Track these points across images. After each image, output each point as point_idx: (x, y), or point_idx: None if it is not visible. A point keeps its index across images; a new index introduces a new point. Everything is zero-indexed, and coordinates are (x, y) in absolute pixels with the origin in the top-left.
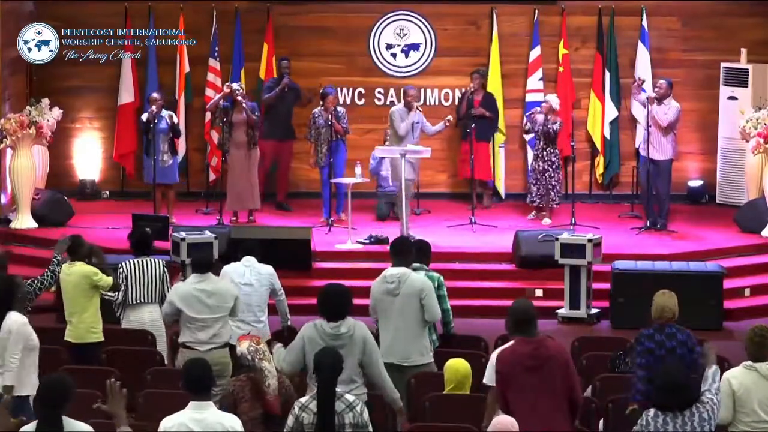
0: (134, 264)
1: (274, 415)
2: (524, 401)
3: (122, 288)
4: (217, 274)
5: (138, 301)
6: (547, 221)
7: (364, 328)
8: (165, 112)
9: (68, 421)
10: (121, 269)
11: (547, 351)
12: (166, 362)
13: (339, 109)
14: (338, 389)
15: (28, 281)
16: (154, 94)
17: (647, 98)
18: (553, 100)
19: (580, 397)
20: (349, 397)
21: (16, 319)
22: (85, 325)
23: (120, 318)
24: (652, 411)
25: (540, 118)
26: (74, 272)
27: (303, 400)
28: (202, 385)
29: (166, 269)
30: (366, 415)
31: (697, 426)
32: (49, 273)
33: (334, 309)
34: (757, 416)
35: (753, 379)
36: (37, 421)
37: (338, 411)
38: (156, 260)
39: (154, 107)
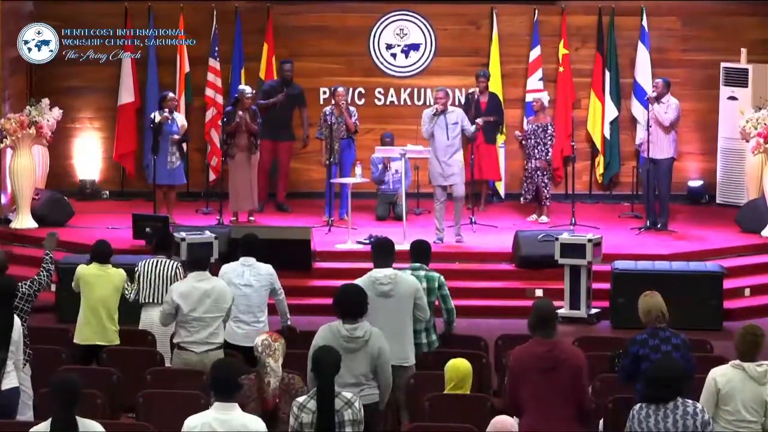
0: (150, 264)
1: (273, 414)
2: (535, 402)
3: (135, 287)
4: (215, 273)
5: (149, 301)
6: (544, 219)
7: (382, 337)
8: (176, 115)
9: (81, 421)
10: (137, 269)
11: (562, 354)
12: (166, 363)
13: (350, 108)
14: (347, 392)
15: (27, 282)
16: (170, 94)
17: (647, 98)
18: (544, 96)
19: (589, 403)
20: (347, 394)
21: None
22: (114, 329)
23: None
24: (637, 405)
25: (531, 124)
26: (112, 275)
27: (301, 399)
28: (228, 387)
29: (180, 271)
30: (362, 411)
31: (680, 419)
32: (45, 272)
33: (351, 308)
34: (741, 415)
35: (739, 378)
36: (50, 419)
37: (337, 408)
38: (171, 261)
39: (171, 108)
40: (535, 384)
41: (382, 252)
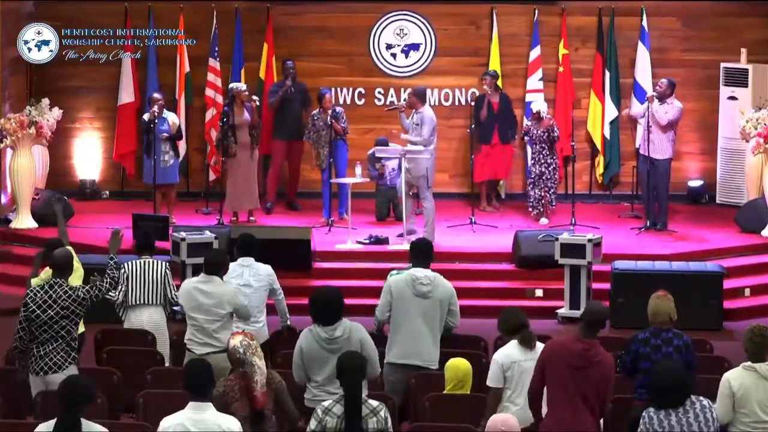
0: (135, 265)
1: (261, 413)
2: (564, 397)
3: (122, 288)
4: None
5: (138, 303)
6: (544, 221)
7: (361, 330)
8: (167, 113)
9: (86, 423)
10: (123, 269)
11: (597, 356)
12: (166, 363)
13: (337, 109)
14: (374, 400)
15: (86, 287)
16: (156, 95)
17: (647, 97)
18: (542, 107)
19: (608, 408)
20: (373, 402)
21: None
22: None
23: (122, 318)
24: (651, 409)
25: (535, 129)
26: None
27: (326, 403)
28: (201, 386)
29: (168, 271)
30: (390, 420)
31: (700, 413)
32: (108, 279)
33: (326, 314)
34: (757, 416)
35: (752, 380)
36: (55, 420)
37: (362, 416)
38: (158, 261)
39: (155, 107)
40: (565, 380)
41: (420, 252)
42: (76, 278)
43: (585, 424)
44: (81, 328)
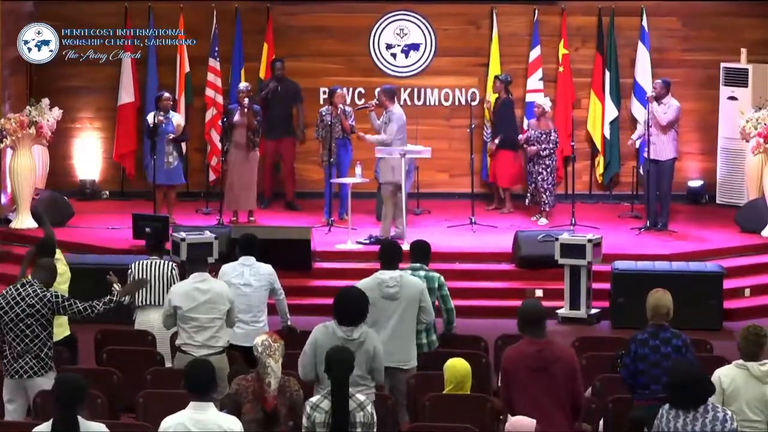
0: (143, 265)
1: (273, 415)
2: (527, 401)
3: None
4: (216, 273)
5: (145, 303)
6: (543, 221)
7: (376, 338)
8: (173, 114)
9: (83, 422)
10: (130, 270)
11: (553, 354)
12: (166, 363)
13: (347, 108)
14: (361, 394)
15: (69, 300)
16: (166, 94)
17: (647, 97)
18: (545, 102)
19: (583, 400)
20: (360, 397)
21: None
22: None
23: (133, 320)
24: (667, 405)
25: (533, 130)
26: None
27: (314, 399)
28: (203, 386)
29: (175, 272)
30: (375, 415)
31: (709, 423)
32: (92, 309)
33: (350, 315)
34: (745, 415)
35: (743, 378)
36: (52, 420)
37: (349, 410)
38: (165, 263)
39: (161, 111)
40: (526, 384)
41: (387, 255)
42: (63, 282)
43: (555, 424)
44: (66, 331)
